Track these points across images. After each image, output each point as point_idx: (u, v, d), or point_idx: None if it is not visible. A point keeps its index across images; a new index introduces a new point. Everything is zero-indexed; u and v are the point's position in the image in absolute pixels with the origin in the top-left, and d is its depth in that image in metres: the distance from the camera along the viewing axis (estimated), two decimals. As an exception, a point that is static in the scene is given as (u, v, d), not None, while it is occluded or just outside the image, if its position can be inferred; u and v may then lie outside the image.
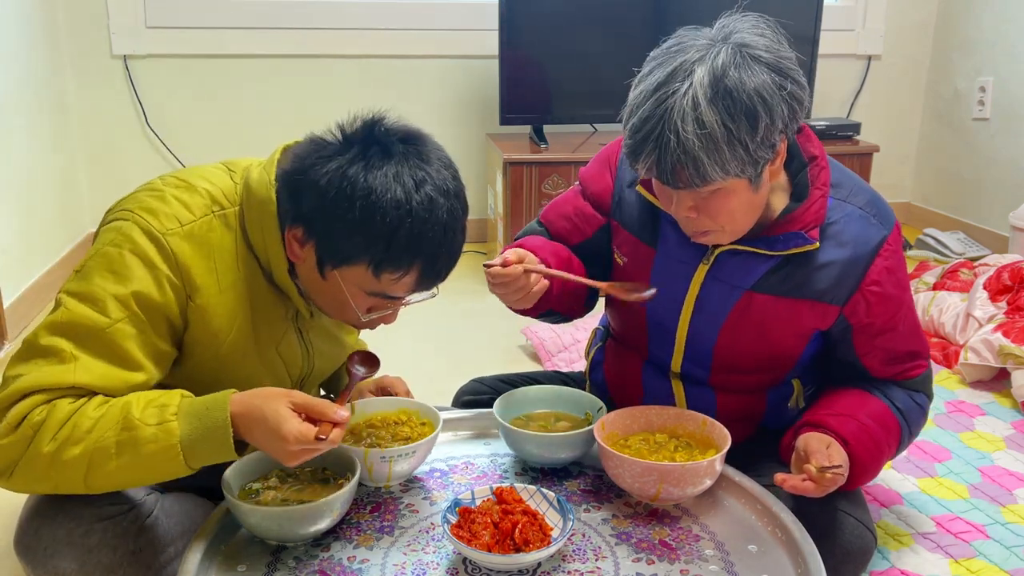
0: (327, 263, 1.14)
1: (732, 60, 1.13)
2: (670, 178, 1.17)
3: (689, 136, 1.11)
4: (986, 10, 3.44)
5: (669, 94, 1.13)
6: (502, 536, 1.08)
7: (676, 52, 1.17)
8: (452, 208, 1.14)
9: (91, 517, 1.13)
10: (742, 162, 1.15)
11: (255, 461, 1.19)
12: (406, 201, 1.09)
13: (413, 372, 1.63)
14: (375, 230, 1.09)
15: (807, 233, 1.26)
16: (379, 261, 1.11)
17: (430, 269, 1.15)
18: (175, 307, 1.14)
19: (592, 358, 1.59)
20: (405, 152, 1.13)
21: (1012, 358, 2.15)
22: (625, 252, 1.42)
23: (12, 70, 2.65)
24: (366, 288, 1.15)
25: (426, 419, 1.32)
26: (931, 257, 3.31)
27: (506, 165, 2.95)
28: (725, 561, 1.12)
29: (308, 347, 1.32)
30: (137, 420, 1.05)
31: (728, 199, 1.19)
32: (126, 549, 1.14)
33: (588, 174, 1.49)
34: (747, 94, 1.12)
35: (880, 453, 1.32)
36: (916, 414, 1.37)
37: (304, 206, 1.13)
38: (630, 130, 1.17)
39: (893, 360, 1.36)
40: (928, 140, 3.83)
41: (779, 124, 1.16)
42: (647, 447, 1.27)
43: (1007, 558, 1.54)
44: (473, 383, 1.66)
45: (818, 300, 1.30)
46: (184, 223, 1.15)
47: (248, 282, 1.20)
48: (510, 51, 3.08)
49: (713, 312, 1.34)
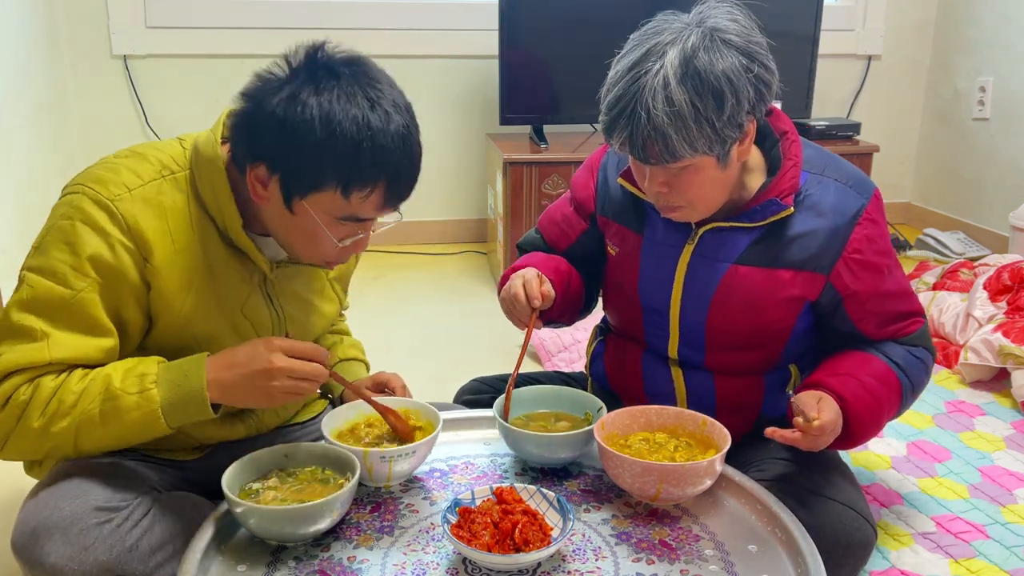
0: (294, 195, 1.14)
1: (702, 43, 1.20)
2: (641, 153, 1.23)
3: (659, 113, 1.18)
4: (986, 10, 3.44)
5: (642, 73, 1.20)
6: (502, 536, 1.08)
7: (652, 34, 1.23)
8: (408, 124, 1.15)
9: (87, 515, 1.14)
10: (709, 140, 1.21)
11: (255, 461, 1.19)
12: (364, 117, 1.10)
13: (413, 372, 1.63)
14: (339, 149, 1.10)
15: (781, 200, 1.31)
16: (347, 181, 1.12)
17: (396, 184, 1.15)
18: (133, 270, 1.16)
19: (592, 351, 1.61)
20: (353, 73, 1.14)
21: (1012, 358, 2.15)
22: (616, 243, 1.48)
23: (12, 70, 2.65)
24: (337, 213, 1.15)
25: (426, 419, 1.32)
26: (931, 257, 3.31)
27: (506, 165, 2.95)
28: (725, 561, 1.12)
29: (278, 312, 1.32)
30: (119, 390, 1.12)
31: (697, 175, 1.26)
32: (122, 547, 1.14)
33: (576, 180, 1.58)
34: (715, 75, 1.19)
35: (881, 409, 1.33)
36: (917, 369, 1.39)
37: (262, 142, 1.13)
38: (606, 106, 1.24)
39: (887, 321, 1.39)
40: (928, 140, 3.83)
41: (745, 105, 1.22)
42: (647, 447, 1.27)
43: (1007, 558, 1.54)
44: (474, 383, 1.67)
45: (800, 269, 1.34)
46: (132, 188, 1.18)
47: (204, 243, 1.22)
48: (510, 51, 3.08)
49: (701, 289, 1.38)
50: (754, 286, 1.35)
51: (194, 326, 1.23)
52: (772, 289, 1.35)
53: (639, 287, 1.44)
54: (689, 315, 1.40)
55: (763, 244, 1.35)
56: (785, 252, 1.34)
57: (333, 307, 1.45)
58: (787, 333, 1.40)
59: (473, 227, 3.64)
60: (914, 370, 1.39)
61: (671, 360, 1.46)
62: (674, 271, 1.40)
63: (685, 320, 1.41)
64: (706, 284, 1.38)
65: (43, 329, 1.13)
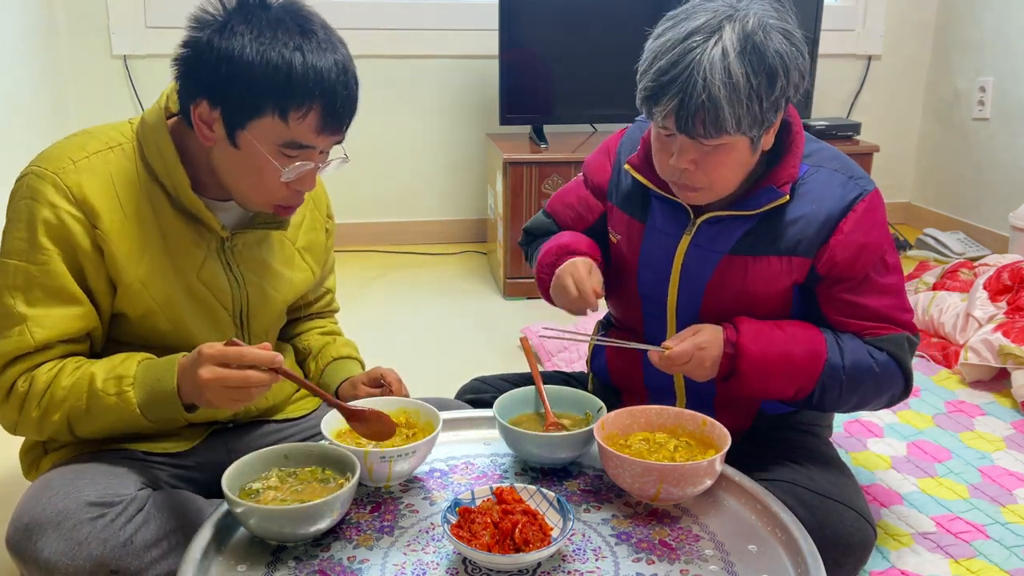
0: (236, 126, 1.17)
1: (758, 24, 1.21)
2: (687, 124, 1.22)
3: (716, 83, 1.18)
4: (986, 10, 3.44)
5: (700, 42, 1.20)
6: (502, 536, 1.08)
7: (698, 12, 1.23)
8: (341, 52, 1.19)
9: (82, 510, 1.14)
10: (754, 119, 1.22)
11: (255, 461, 1.19)
12: (295, 42, 1.14)
13: (413, 371, 1.63)
14: (271, 71, 1.13)
15: (779, 187, 1.32)
16: (282, 102, 1.14)
17: (331, 106, 1.17)
18: (84, 237, 1.20)
19: (593, 346, 1.61)
20: (285, 9, 1.18)
21: (1012, 358, 2.15)
22: (619, 230, 1.49)
23: (12, 70, 2.65)
24: (277, 139, 1.17)
25: (426, 419, 1.32)
26: (931, 257, 3.31)
27: (506, 165, 2.95)
28: (725, 561, 1.12)
29: (238, 279, 1.33)
30: (100, 391, 1.18)
31: (728, 155, 1.26)
32: (116, 542, 1.14)
33: (590, 164, 1.57)
34: (771, 54, 1.21)
35: (787, 369, 1.31)
36: (862, 363, 1.33)
37: (201, 77, 1.17)
38: (655, 73, 1.22)
39: (854, 315, 1.35)
40: (928, 140, 3.83)
41: (789, 89, 1.25)
42: (647, 447, 1.27)
43: (1007, 558, 1.54)
44: (474, 382, 1.67)
45: (792, 255, 1.34)
46: (77, 159, 1.22)
47: (154, 209, 1.25)
48: (510, 51, 3.08)
49: (696, 279, 1.39)
50: (747, 275, 1.36)
51: (151, 290, 1.25)
52: (764, 277, 1.35)
53: (638, 276, 1.46)
54: (685, 305, 1.41)
55: (756, 233, 1.35)
56: (778, 240, 1.34)
57: (303, 276, 1.45)
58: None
59: (473, 227, 3.64)
60: (861, 364, 1.33)
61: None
62: (672, 261, 1.41)
63: (681, 310, 1.42)
64: (701, 274, 1.39)
65: (21, 312, 1.19)
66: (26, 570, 1.15)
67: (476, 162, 3.57)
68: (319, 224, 1.48)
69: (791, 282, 1.36)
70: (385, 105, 3.45)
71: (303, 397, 1.51)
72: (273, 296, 1.39)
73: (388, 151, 3.51)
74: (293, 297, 1.44)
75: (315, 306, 1.59)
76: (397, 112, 3.47)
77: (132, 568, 1.15)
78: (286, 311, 1.48)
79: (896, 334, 1.37)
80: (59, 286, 1.20)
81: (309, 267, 1.46)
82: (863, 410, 1.43)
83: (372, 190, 3.53)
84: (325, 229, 1.50)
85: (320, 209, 1.48)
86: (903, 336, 1.37)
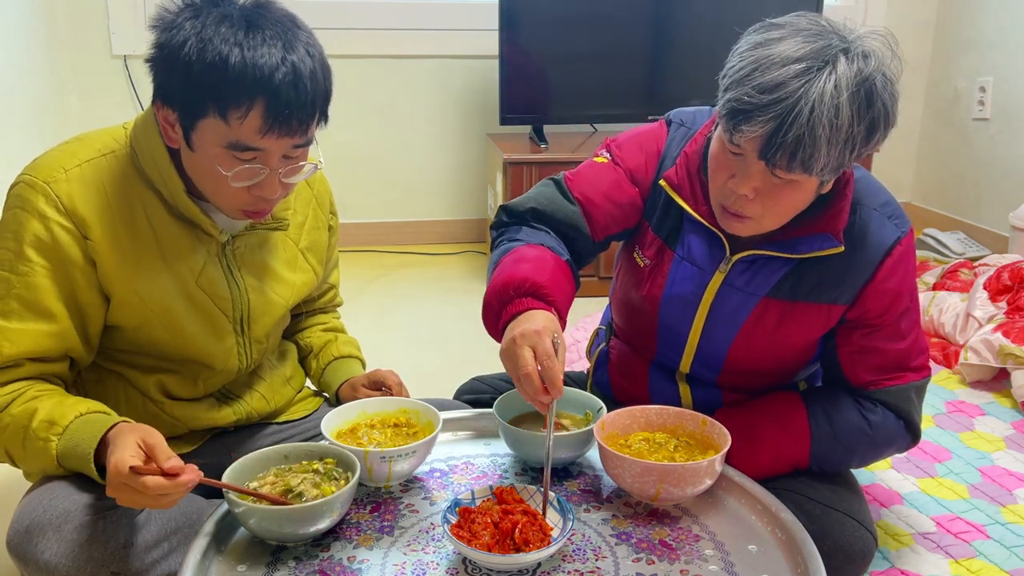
0: (188, 127, 1.13)
1: (876, 68, 1.12)
2: (774, 152, 1.11)
3: (823, 120, 1.08)
4: (986, 10, 3.44)
5: (813, 69, 1.09)
6: (502, 536, 1.08)
7: (807, 29, 1.13)
8: (301, 51, 1.11)
9: (82, 512, 1.14)
10: (839, 164, 1.14)
11: (255, 461, 1.19)
12: (235, 37, 1.08)
13: (413, 371, 1.63)
14: (206, 66, 1.07)
15: (834, 236, 1.25)
16: (219, 100, 1.09)
17: (275, 106, 1.09)
18: (75, 249, 1.18)
19: (596, 359, 1.59)
20: (245, 4, 1.13)
21: (1012, 358, 2.15)
22: (649, 255, 1.39)
23: (12, 70, 2.65)
24: (221, 141, 1.12)
25: (426, 419, 1.32)
26: (931, 257, 3.30)
27: (506, 165, 2.95)
28: (725, 561, 1.12)
29: (237, 283, 1.31)
30: (32, 432, 1.13)
31: (793, 193, 1.18)
32: (117, 544, 1.14)
33: (633, 160, 1.39)
34: (878, 104, 1.12)
35: (772, 462, 1.32)
36: (857, 428, 1.32)
37: (157, 78, 1.14)
38: (754, 88, 1.10)
39: (866, 362, 1.32)
40: (928, 140, 3.83)
41: (879, 143, 1.16)
42: (647, 447, 1.27)
43: (1007, 558, 1.54)
44: (473, 382, 1.66)
45: (832, 303, 1.30)
46: (69, 168, 1.19)
47: (150, 217, 1.22)
48: (510, 51, 3.08)
49: (728, 319, 1.34)
50: (782, 322, 1.31)
51: (147, 300, 1.23)
52: (801, 324, 1.31)
53: (661, 306, 1.38)
54: (711, 342, 1.36)
55: (796, 277, 1.29)
56: (821, 287, 1.29)
57: (305, 277, 1.42)
58: (806, 363, 1.40)
59: (473, 227, 3.64)
60: (848, 427, 1.32)
61: (681, 375, 1.44)
62: (701, 296, 1.34)
63: (705, 345, 1.37)
64: (735, 315, 1.33)
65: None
66: (27, 572, 1.15)
67: (476, 162, 3.57)
68: (322, 222, 1.45)
69: (825, 327, 1.32)
70: (385, 105, 3.45)
71: (304, 398, 1.51)
72: (275, 300, 1.37)
73: (388, 151, 3.51)
74: (295, 300, 1.42)
75: (318, 302, 1.57)
76: (397, 112, 3.47)
77: (133, 569, 1.15)
78: (290, 312, 1.47)
79: (903, 386, 1.32)
80: (36, 300, 1.17)
81: (311, 267, 1.43)
82: (870, 464, 1.43)
83: (372, 190, 3.53)
84: (328, 226, 1.47)
85: (323, 207, 1.45)
86: (910, 387, 1.33)
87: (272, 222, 1.33)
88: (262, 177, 1.15)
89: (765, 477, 1.29)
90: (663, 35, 3.17)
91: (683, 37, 3.16)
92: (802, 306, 1.30)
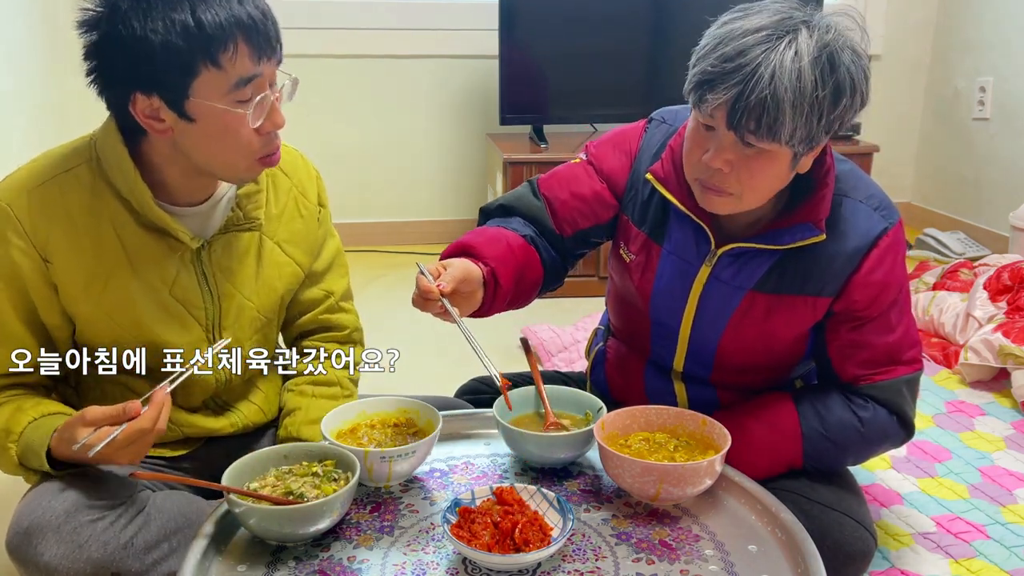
0: (181, 99, 1.13)
1: (836, 36, 1.14)
2: (739, 119, 1.13)
3: (784, 83, 1.10)
4: (986, 10, 3.44)
5: (773, 37, 1.12)
6: (502, 536, 1.08)
7: (773, 9, 1.16)
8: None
9: (80, 513, 1.14)
10: (808, 133, 1.14)
11: (255, 461, 1.19)
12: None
13: (413, 371, 1.62)
14: (182, 24, 1.09)
15: (815, 225, 1.26)
16: (207, 50, 1.10)
17: (254, 32, 1.13)
18: (34, 274, 1.20)
19: (593, 358, 1.59)
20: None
21: (1012, 358, 2.15)
22: (634, 250, 1.40)
23: (12, 70, 2.65)
24: (224, 87, 1.13)
25: (426, 419, 1.32)
26: (931, 257, 3.31)
27: (506, 165, 2.95)
28: (725, 561, 1.12)
29: (211, 290, 1.30)
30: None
31: (767, 165, 1.18)
32: (116, 544, 1.14)
33: (606, 158, 1.42)
34: (843, 70, 1.13)
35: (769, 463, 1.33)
36: (849, 425, 1.32)
37: (119, 74, 1.15)
38: (717, 58, 1.13)
39: (856, 356, 1.32)
40: (928, 140, 3.83)
41: (848, 112, 1.17)
42: (647, 447, 1.27)
43: (1007, 558, 1.54)
44: (473, 383, 1.66)
45: (818, 295, 1.30)
46: (31, 188, 1.19)
47: (119, 230, 1.22)
48: (510, 51, 3.08)
49: (716, 313, 1.34)
50: (769, 315, 1.31)
51: (118, 317, 1.23)
52: (789, 317, 1.31)
53: (651, 301, 1.39)
54: (700, 336, 1.37)
55: (781, 270, 1.30)
56: (806, 279, 1.29)
57: (287, 271, 1.39)
58: (799, 358, 1.39)
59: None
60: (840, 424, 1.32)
61: (675, 373, 1.44)
62: (688, 290, 1.35)
63: (695, 340, 1.38)
64: (722, 309, 1.33)
65: None
66: (27, 574, 1.14)
67: (476, 162, 3.57)
68: (305, 212, 1.40)
69: (813, 324, 1.33)
70: (385, 105, 3.45)
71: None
72: (246, 306, 1.34)
73: (388, 151, 3.51)
74: (273, 303, 1.38)
75: (314, 311, 1.48)
76: (397, 112, 3.47)
77: (133, 570, 1.15)
78: (282, 311, 1.44)
79: (894, 380, 1.32)
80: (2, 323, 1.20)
81: (293, 260, 1.39)
82: (866, 460, 1.43)
83: (372, 190, 3.53)
84: (316, 218, 1.42)
85: (306, 195, 1.41)
86: (900, 381, 1.33)
87: (245, 222, 1.31)
88: (271, 103, 1.18)
89: (764, 478, 1.29)
90: (663, 35, 3.17)
91: (683, 37, 3.13)
92: (788, 299, 1.30)
